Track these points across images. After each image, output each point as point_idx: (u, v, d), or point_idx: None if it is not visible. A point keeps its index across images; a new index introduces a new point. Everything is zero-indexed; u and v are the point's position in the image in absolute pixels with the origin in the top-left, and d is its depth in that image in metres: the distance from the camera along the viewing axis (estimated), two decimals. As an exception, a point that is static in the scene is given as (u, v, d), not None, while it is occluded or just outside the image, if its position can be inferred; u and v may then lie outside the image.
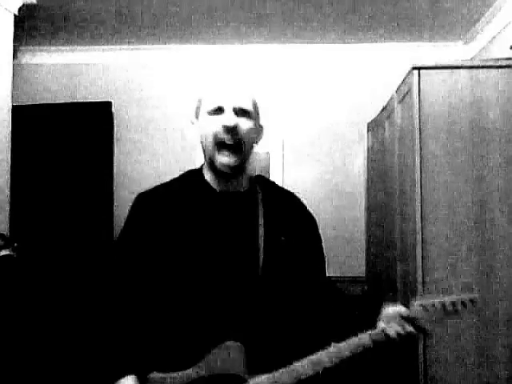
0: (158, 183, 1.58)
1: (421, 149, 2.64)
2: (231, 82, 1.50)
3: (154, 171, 4.48)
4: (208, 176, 1.51)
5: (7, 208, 3.35)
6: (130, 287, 1.46)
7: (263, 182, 1.58)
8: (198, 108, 1.52)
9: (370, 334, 1.39)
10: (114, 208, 4.26)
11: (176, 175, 1.57)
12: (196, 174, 1.54)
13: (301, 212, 1.58)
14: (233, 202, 1.47)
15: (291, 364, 1.36)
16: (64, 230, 4.23)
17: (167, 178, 1.56)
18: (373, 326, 1.42)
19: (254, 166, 5.32)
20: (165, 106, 4.63)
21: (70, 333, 3.11)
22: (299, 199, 1.61)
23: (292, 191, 1.63)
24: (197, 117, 1.52)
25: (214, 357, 1.36)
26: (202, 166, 1.55)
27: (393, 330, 1.39)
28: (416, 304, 1.43)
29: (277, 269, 1.45)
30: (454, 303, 1.42)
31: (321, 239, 1.60)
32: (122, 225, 1.54)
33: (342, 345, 1.37)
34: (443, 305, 1.42)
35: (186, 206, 1.48)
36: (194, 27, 4.13)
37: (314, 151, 4.57)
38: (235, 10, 3.79)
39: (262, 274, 1.43)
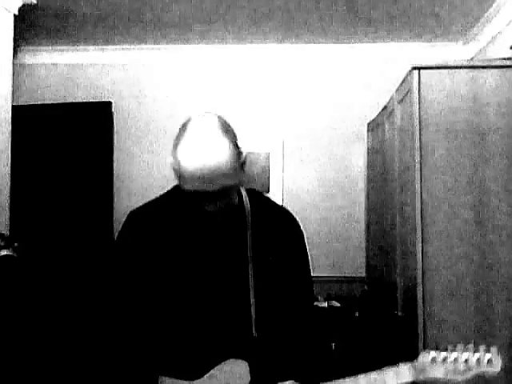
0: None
1: (421, 149, 2.64)
2: (203, 165, 1.29)
3: (154, 171, 4.47)
4: None
5: (7, 208, 3.35)
6: (130, 299, 1.47)
7: (253, 197, 1.53)
8: (174, 170, 1.36)
9: None
10: (114, 208, 4.26)
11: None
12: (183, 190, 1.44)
13: (289, 230, 1.54)
14: (220, 220, 1.43)
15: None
16: (64, 230, 4.23)
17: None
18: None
19: (254, 166, 5.28)
20: (165, 106, 4.63)
21: (70, 333, 3.11)
22: (289, 215, 1.56)
23: (283, 206, 1.60)
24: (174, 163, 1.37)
25: (219, 372, 1.38)
26: None
27: None
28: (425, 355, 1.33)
29: (266, 287, 1.45)
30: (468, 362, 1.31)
31: (307, 258, 1.55)
32: (117, 234, 1.54)
33: None
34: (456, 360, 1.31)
35: (175, 223, 1.47)
36: (194, 27, 4.13)
37: (314, 151, 4.57)
38: (235, 10, 3.79)
39: (254, 291, 1.43)
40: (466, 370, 1.31)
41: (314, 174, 4.57)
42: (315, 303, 4.05)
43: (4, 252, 2.80)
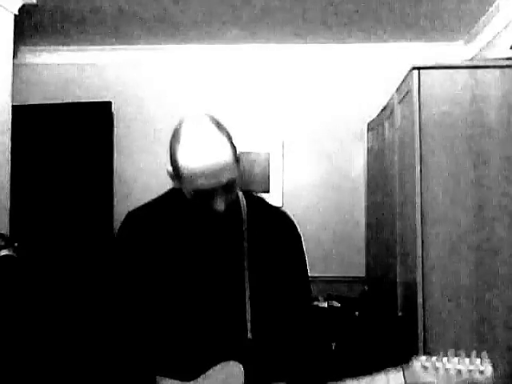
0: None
1: (421, 149, 2.64)
2: (207, 161, 1.31)
3: (154, 171, 4.47)
4: None
5: (7, 208, 3.35)
6: (128, 300, 1.47)
7: (249, 199, 1.54)
8: (174, 172, 1.40)
9: None
10: (114, 208, 4.26)
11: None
12: (180, 192, 1.44)
13: (286, 231, 1.53)
14: (216, 222, 1.43)
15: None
16: (64, 230, 4.23)
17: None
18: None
19: (254, 167, 5.26)
20: (165, 106, 4.63)
21: (69, 333, 3.11)
22: (286, 217, 1.56)
23: (281, 208, 1.59)
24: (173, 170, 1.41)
25: (214, 373, 1.38)
26: None
27: None
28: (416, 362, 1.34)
29: (262, 289, 1.45)
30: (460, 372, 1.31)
31: (305, 260, 1.55)
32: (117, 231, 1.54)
33: None
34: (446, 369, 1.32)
35: (173, 225, 1.48)
36: (194, 27, 4.13)
37: (314, 151, 4.57)
38: (235, 10, 3.79)
39: (250, 293, 1.43)
40: (457, 375, 1.32)
41: (313, 174, 4.57)
42: (315, 303, 4.06)
43: (4, 252, 2.80)
